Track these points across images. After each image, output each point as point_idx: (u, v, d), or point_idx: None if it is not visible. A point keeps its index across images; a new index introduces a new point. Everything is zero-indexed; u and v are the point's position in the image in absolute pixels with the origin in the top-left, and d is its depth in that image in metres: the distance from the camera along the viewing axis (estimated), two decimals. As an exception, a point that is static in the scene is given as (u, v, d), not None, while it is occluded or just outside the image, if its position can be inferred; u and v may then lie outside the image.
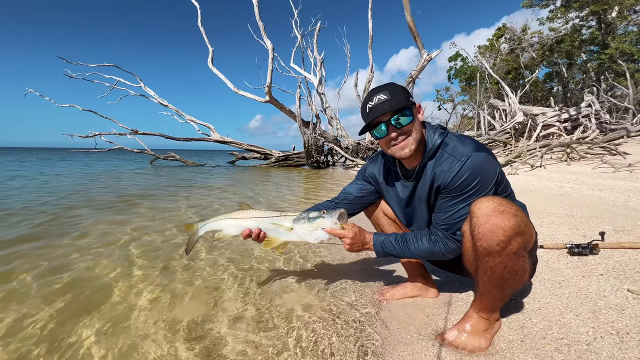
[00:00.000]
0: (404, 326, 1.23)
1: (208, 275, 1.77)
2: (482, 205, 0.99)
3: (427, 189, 1.19)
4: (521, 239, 0.97)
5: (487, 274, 1.01)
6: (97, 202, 4.07)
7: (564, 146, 6.76)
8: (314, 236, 1.21)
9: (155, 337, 1.20)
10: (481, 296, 1.07)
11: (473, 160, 1.05)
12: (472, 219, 1.01)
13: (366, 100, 1.16)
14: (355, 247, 1.23)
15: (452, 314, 1.29)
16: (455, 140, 1.14)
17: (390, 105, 1.10)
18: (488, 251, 0.97)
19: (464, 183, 1.06)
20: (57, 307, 1.41)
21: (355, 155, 11.80)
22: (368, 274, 1.77)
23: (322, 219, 1.19)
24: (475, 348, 1.06)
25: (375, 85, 1.19)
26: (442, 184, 1.12)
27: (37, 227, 2.75)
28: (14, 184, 6.03)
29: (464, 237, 1.09)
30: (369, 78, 12.61)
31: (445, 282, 1.61)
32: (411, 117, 1.13)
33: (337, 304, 1.42)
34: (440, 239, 1.15)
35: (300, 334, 1.21)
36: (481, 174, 1.06)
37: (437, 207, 1.17)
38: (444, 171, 1.11)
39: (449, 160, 1.11)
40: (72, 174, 8.35)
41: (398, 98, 1.11)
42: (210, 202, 4.30)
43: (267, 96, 11.16)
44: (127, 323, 1.29)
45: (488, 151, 1.10)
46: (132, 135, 12.72)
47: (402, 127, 1.13)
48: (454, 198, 1.10)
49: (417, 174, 1.22)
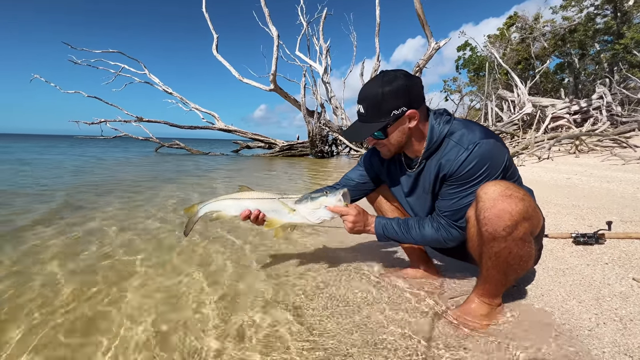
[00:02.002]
0: (406, 307, 1.23)
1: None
2: (488, 189, 0.97)
3: (432, 179, 1.16)
4: (528, 224, 0.95)
5: (492, 259, 0.99)
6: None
7: (572, 138, 6.63)
8: (316, 215, 1.19)
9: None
10: (484, 281, 1.06)
11: (481, 148, 1.02)
12: (478, 204, 0.98)
13: (358, 96, 1.15)
14: (357, 227, 1.21)
15: (454, 297, 1.29)
16: (461, 127, 1.10)
17: (365, 121, 1.13)
18: (494, 236, 0.95)
19: (470, 171, 1.04)
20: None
21: (359, 145, 11.72)
22: (368, 259, 1.77)
23: (325, 197, 1.18)
24: (475, 327, 1.06)
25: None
26: (447, 172, 1.09)
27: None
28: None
29: (469, 222, 1.07)
30: (375, 67, 12.40)
31: (447, 267, 1.61)
32: (383, 136, 1.14)
33: (335, 291, 1.43)
34: (443, 227, 1.14)
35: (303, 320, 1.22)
36: (489, 160, 1.03)
37: (441, 194, 1.15)
38: (450, 160, 1.08)
39: (455, 149, 1.07)
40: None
41: (372, 115, 1.10)
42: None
43: (271, 84, 11.05)
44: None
45: (496, 137, 1.07)
46: (137, 123, 12.74)
47: (377, 139, 1.17)
48: (460, 186, 1.07)
49: (420, 164, 1.19)
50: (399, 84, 1.06)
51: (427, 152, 1.15)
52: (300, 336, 1.07)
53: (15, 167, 6.42)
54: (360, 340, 1.04)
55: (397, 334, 1.07)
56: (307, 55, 12.95)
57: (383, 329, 1.10)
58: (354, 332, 1.09)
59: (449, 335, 1.05)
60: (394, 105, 1.07)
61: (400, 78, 1.08)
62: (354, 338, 1.05)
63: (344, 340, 1.04)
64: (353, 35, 13.97)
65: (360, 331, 1.09)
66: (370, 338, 1.05)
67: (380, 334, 1.07)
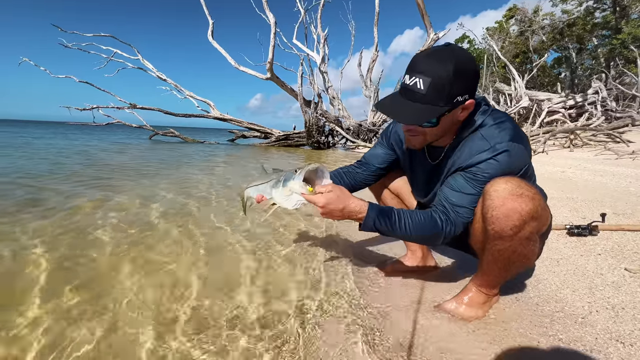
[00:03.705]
0: (403, 297, 1.24)
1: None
2: (499, 186, 0.91)
3: (452, 170, 1.05)
4: (536, 224, 0.92)
5: (494, 255, 0.98)
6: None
7: (567, 132, 6.69)
8: (291, 202, 0.99)
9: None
10: (483, 273, 1.06)
11: (504, 153, 0.93)
12: (486, 201, 0.93)
13: (410, 66, 0.94)
14: (331, 215, 0.97)
15: (451, 287, 1.30)
16: (493, 122, 0.98)
17: (420, 101, 0.92)
18: (499, 235, 0.92)
19: (486, 174, 0.95)
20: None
21: (356, 137, 11.68)
22: (364, 242, 1.78)
23: (292, 181, 0.97)
24: (471, 317, 1.08)
25: (431, 48, 0.93)
26: (464, 165, 0.99)
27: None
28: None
29: (474, 217, 1.01)
30: (374, 57, 12.28)
31: (444, 255, 1.62)
32: (434, 125, 0.97)
33: (332, 277, 1.43)
34: (450, 221, 0.99)
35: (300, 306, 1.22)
36: (509, 167, 0.94)
37: (452, 184, 1.02)
38: (471, 153, 0.98)
39: (480, 143, 0.97)
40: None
41: (433, 97, 0.90)
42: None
43: (268, 73, 10.88)
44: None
45: (525, 141, 0.97)
46: (131, 110, 12.50)
47: (418, 126, 0.99)
48: (473, 180, 0.98)
49: (445, 155, 1.08)
50: (471, 67, 0.92)
51: (454, 143, 1.04)
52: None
53: (55, 158, 6.26)
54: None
55: (391, 324, 1.08)
56: (305, 43, 12.75)
57: (377, 319, 1.11)
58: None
59: (444, 325, 1.06)
60: (461, 90, 0.91)
61: (471, 60, 0.93)
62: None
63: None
64: (351, 24, 13.75)
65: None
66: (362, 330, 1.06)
67: (375, 325, 1.08)
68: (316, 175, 0.98)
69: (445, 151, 1.07)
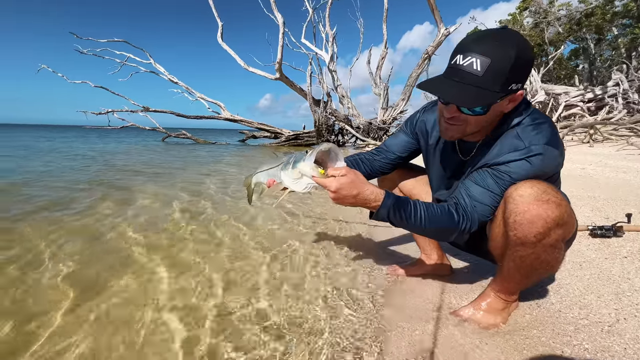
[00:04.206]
0: (418, 301, 1.21)
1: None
2: (524, 191, 0.85)
3: (481, 165, 0.98)
4: (562, 231, 0.86)
5: (515, 262, 0.93)
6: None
7: (586, 127, 6.45)
8: (301, 185, 0.93)
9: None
10: (503, 279, 1.02)
11: (538, 157, 0.87)
12: (509, 205, 0.87)
13: (462, 47, 0.86)
14: (343, 202, 0.91)
15: (467, 292, 1.26)
16: (530, 121, 0.92)
17: (475, 85, 0.83)
18: (522, 242, 0.87)
19: (517, 175, 0.89)
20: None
21: (366, 135, 11.60)
22: (378, 245, 1.75)
23: (302, 162, 0.91)
24: (490, 325, 1.04)
25: (481, 31, 0.88)
26: (492, 160, 0.93)
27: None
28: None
29: (494, 221, 0.95)
30: (383, 54, 12.14)
31: (458, 258, 1.58)
32: (483, 113, 0.89)
33: (342, 279, 1.41)
34: (468, 218, 0.93)
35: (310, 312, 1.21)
36: (541, 170, 0.89)
37: (477, 178, 0.95)
38: (503, 150, 0.92)
39: (514, 141, 0.91)
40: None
41: (490, 81, 0.82)
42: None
43: (277, 73, 10.90)
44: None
45: (560, 146, 0.90)
46: (144, 113, 12.77)
47: (464, 113, 0.90)
48: (500, 179, 0.91)
49: (477, 151, 1.00)
50: (530, 56, 0.85)
51: (488, 138, 0.97)
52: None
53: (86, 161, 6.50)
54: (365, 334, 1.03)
55: (405, 331, 1.05)
56: (313, 42, 12.71)
57: (387, 325, 1.08)
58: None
59: (461, 332, 1.03)
60: (517, 78, 0.84)
61: (530, 48, 0.86)
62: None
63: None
64: (360, 22, 13.64)
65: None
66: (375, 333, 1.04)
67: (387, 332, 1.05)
68: (329, 157, 0.91)
69: (478, 147, 1.00)
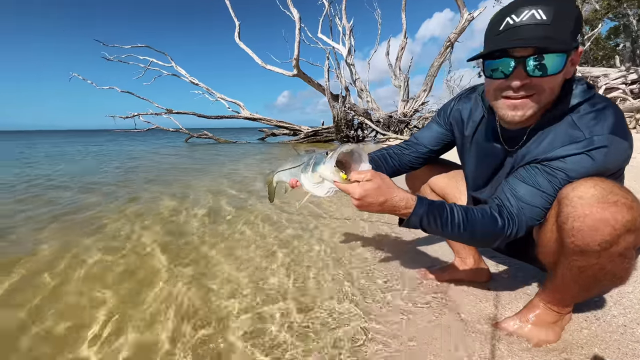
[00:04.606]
0: (453, 311, 1.09)
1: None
2: (584, 191, 0.72)
3: (526, 161, 0.85)
4: (633, 238, 0.71)
5: (572, 272, 0.79)
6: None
7: (632, 111, 5.89)
8: (322, 190, 0.85)
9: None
10: (556, 290, 0.88)
11: (602, 150, 0.73)
12: (565, 207, 0.74)
13: (507, 10, 0.76)
14: (369, 209, 0.81)
15: (510, 300, 1.13)
16: (590, 107, 0.78)
17: (544, 35, 0.71)
18: (582, 250, 0.74)
19: (575, 172, 0.76)
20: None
21: (386, 129, 11.31)
22: (405, 246, 1.63)
23: (322, 165, 0.82)
24: (541, 341, 0.91)
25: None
26: (543, 155, 0.81)
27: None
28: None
29: (545, 224, 0.82)
30: (402, 45, 11.77)
31: (496, 261, 1.43)
32: (561, 66, 0.74)
33: (368, 286, 1.31)
34: (513, 221, 0.81)
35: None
36: (604, 167, 0.75)
37: (525, 176, 0.83)
38: (555, 142, 0.79)
39: (570, 131, 0.77)
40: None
41: (561, 28, 0.71)
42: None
43: (294, 70, 10.84)
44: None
45: (628, 136, 0.75)
46: (167, 115, 13.17)
47: (538, 77, 0.75)
48: (553, 177, 0.79)
49: (527, 139, 0.86)
50: (578, 11, 0.75)
51: (540, 123, 0.83)
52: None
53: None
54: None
55: (442, 344, 0.94)
56: (330, 37, 12.52)
57: (425, 346, 0.97)
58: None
59: (508, 349, 0.90)
60: (578, 29, 0.74)
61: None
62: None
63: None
64: (377, 12, 13.27)
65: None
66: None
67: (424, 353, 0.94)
68: (352, 159, 0.83)
69: (529, 132, 0.85)
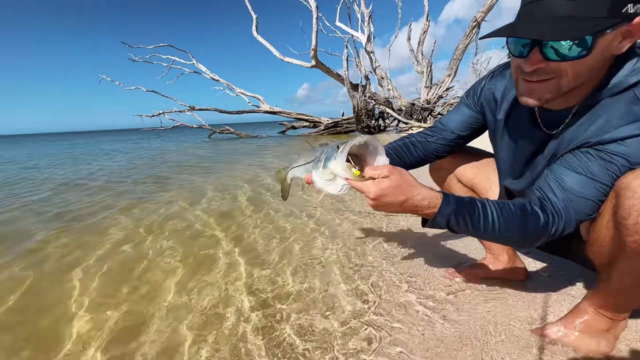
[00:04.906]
0: (485, 314, 1.01)
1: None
2: None
3: (573, 146, 0.72)
4: None
5: (634, 276, 0.69)
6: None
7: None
8: (335, 187, 0.77)
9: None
10: (610, 294, 0.77)
11: None
12: (626, 199, 0.63)
13: None
14: (386, 209, 0.71)
15: (551, 303, 1.03)
16: None
17: (565, 15, 0.59)
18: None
19: (639, 158, 0.64)
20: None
21: (409, 117, 10.96)
22: (430, 241, 1.54)
23: (333, 161, 0.73)
24: (591, 352, 0.81)
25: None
26: (595, 138, 0.68)
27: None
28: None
29: (597, 220, 0.72)
30: (424, 28, 11.26)
31: (534, 257, 1.32)
32: (585, 50, 0.61)
33: (387, 289, 1.24)
34: (561, 217, 0.70)
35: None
36: None
37: (572, 163, 0.71)
38: (612, 122, 0.66)
39: (631, 108, 0.64)
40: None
41: (591, 3, 0.57)
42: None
43: (313, 60, 10.72)
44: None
45: None
46: (191, 112, 13.53)
47: (553, 60, 0.64)
48: (609, 163, 0.67)
49: (571, 121, 0.74)
50: None
51: (587, 103, 0.71)
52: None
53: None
54: None
55: (474, 353, 0.87)
56: (348, 24, 12.21)
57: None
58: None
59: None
60: (624, 2, 0.57)
61: None
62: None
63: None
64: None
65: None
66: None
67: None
68: (367, 152, 0.73)
69: (573, 115, 0.73)
